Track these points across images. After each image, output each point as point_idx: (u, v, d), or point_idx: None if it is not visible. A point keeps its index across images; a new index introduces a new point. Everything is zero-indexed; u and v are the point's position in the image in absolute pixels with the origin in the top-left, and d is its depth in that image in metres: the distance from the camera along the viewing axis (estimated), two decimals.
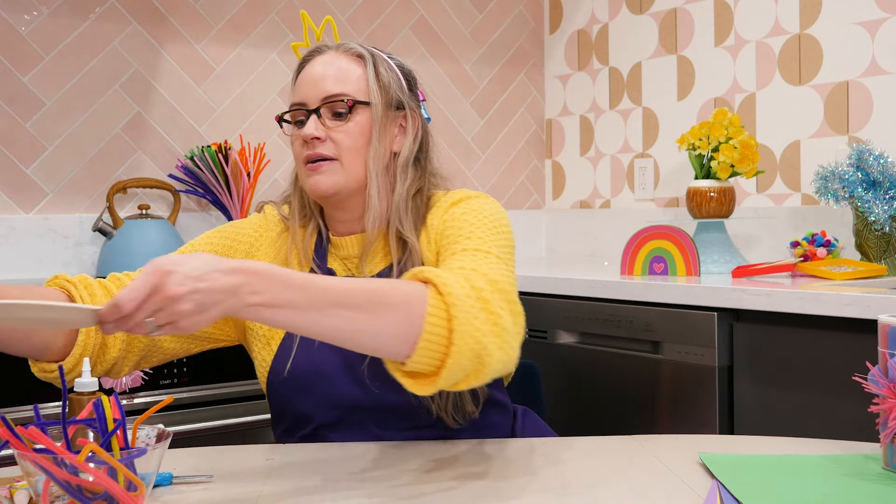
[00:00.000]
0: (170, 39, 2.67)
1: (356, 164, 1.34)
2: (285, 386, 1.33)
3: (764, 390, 1.91)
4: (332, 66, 1.37)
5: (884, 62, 2.38)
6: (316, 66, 1.38)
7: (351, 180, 1.35)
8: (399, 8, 3.05)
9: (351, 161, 1.34)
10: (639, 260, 2.32)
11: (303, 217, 1.43)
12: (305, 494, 1.04)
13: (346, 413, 1.31)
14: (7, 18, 2.44)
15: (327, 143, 1.34)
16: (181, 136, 2.68)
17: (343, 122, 1.34)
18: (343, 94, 1.34)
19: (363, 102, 1.35)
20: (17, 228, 2.44)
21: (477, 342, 1.04)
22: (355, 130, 1.34)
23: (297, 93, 1.38)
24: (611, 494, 1.02)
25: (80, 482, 0.86)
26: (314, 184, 1.34)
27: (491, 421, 1.38)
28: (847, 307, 1.73)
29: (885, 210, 2.17)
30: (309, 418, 1.33)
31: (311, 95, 1.35)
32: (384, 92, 1.37)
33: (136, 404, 1.95)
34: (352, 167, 1.34)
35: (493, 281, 1.12)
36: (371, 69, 1.37)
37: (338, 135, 1.34)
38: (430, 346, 1.03)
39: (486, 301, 1.08)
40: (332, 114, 1.35)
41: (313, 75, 1.37)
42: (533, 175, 3.36)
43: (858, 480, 1.03)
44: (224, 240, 1.44)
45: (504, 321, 1.09)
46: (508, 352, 1.09)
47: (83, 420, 0.97)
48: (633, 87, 3.04)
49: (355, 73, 1.37)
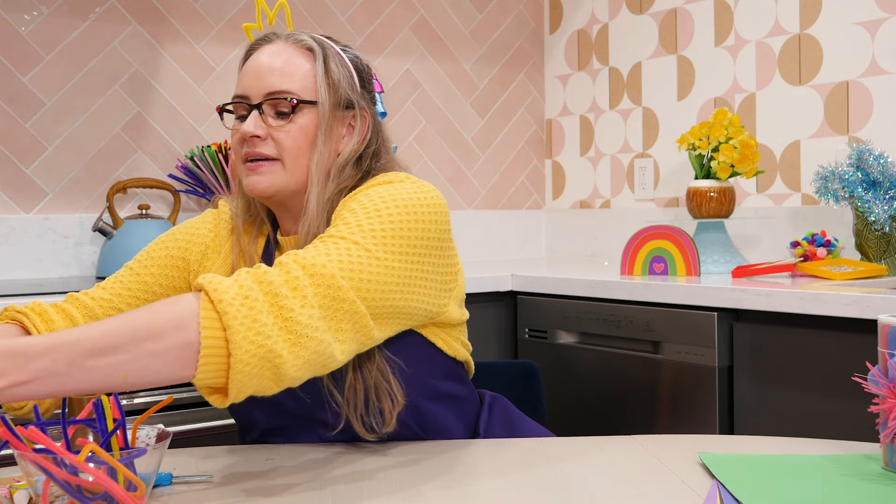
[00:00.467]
0: (170, 39, 2.67)
1: (298, 167, 1.28)
2: None
3: (764, 390, 1.91)
4: (278, 57, 1.29)
5: (884, 62, 2.38)
6: (262, 56, 1.30)
7: (292, 182, 1.28)
8: (399, 8, 3.05)
9: (293, 163, 1.27)
10: (639, 260, 2.32)
11: (248, 215, 1.38)
12: (305, 494, 1.04)
13: (283, 422, 1.28)
14: (7, 18, 2.44)
15: (268, 142, 1.27)
16: (181, 136, 2.68)
17: (286, 121, 1.27)
18: (287, 92, 1.27)
19: (309, 102, 1.28)
20: (17, 228, 2.44)
21: (260, 346, 0.96)
22: (299, 132, 1.27)
23: (240, 83, 1.30)
24: (611, 494, 1.02)
25: (80, 482, 0.86)
26: (252, 184, 1.28)
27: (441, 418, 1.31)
28: (847, 307, 1.73)
29: (885, 210, 2.17)
30: (254, 422, 1.32)
31: (254, 88, 1.28)
32: (333, 90, 1.29)
33: (136, 404, 1.95)
34: (294, 169, 1.28)
35: (309, 266, 1.04)
36: (320, 65, 1.29)
37: (280, 134, 1.27)
38: (209, 360, 0.95)
39: (275, 296, 0.99)
40: (276, 111, 1.28)
41: (259, 66, 1.29)
42: (533, 175, 3.36)
43: (858, 480, 1.03)
44: (178, 242, 1.39)
45: (296, 314, 0.99)
46: (310, 347, 1.00)
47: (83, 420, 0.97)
48: (633, 87, 3.04)
49: (303, 67, 1.29)
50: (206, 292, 0.98)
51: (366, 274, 1.09)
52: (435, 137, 3.13)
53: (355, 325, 1.07)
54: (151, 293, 1.37)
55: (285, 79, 1.28)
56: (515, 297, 2.44)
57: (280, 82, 1.27)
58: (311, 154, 1.28)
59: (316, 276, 1.04)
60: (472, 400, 1.40)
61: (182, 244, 1.39)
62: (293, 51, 1.30)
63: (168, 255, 1.39)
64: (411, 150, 3.08)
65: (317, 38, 1.33)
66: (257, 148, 1.27)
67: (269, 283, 1.00)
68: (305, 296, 1.01)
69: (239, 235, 1.37)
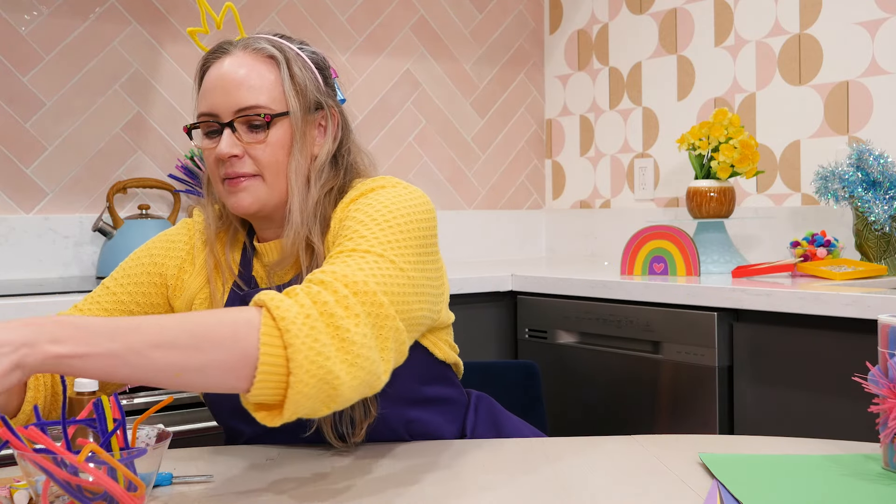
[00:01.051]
0: (170, 39, 2.67)
1: (279, 179, 1.26)
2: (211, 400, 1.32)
3: (764, 390, 1.91)
4: (240, 70, 1.25)
5: (884, 62, 2.38)
6: (224, 69, 1.26)
7: (274, 195, 1.27)
8: (399, 8, 3.05)
9: (273, 177, 1.26)
10: (639, 260, 2.32)
11: (221, 222, 1.36)
12: (305, 494, 1.04)
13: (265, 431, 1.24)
14: (7, 18, 2.44)
15: (245, 159, 1.25)
16: (181, 136, 2.68)
17: (261, 136, 1.24)
18: (258, 107, 1.24)
19: (281, 114, 1.25)
20: (17, 228, 2.44)
21: (320, 367, 0.95)
22: (275, 145, 1.25)
23: (204, 100, 1.26)
24: (611, 494, 1.02)
25: (80, 482, 0.86)
26: (235, 202, 1.26)
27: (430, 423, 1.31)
28: (847, 307, 1.73)
29: (885, 210, 2.17)
30: (239, 432, 1.32)
31: (222, 106, 1.24)
32: (301, 96, 1.27)
33: (136, 404, 1.95)
34: (274, 182, 1.26)
35: (352, 283, 1.03)
36: (285, 72, 1.26)
37: (256, 151, 1.24)
38: (267, 378, 0.94)
39: (330, 316, 0.98)
40: (248, 126, 1.25)
41: (222, 82, 1.25)
42: (533, 175, 3.36)
43: (858, 480, 1.03)
44: (154, 258, 1.37)
45: (352, 334, 0.98)
46: (365, 367, 0.99)
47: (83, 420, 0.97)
48: (633, 87, 3.04)
49: (268, 78, 1.26)
50: (267, 309, 0.97)
51: (397, 287, 1.09)
52: (435, 137, 3.13)
53: (396, 342, 1.06)
54: (128, 312, 1.35)
55: (253, 93, 1.24)
56: (515, 297, 2.44)
57: (248, 97, 1.24)
58: (289, 163, 1.26)
59: (360, 293, 1.03)
60: (463, 401, 1.39)
61: (158, 259, 1.37)
62: (255, 61, 1.26)
63: (145, 273, 1.36)
64: (411, 150, 3.08)
65: (275, 43, 1.29)
66: (235, 168, 1.25)
67: (323, 304, 0.99)
68: (357, 314, 1.01)
69: (212, 245, 1.34)
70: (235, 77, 1.25)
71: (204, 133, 1.29)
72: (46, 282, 2.32)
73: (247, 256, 1.35)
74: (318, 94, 1.30)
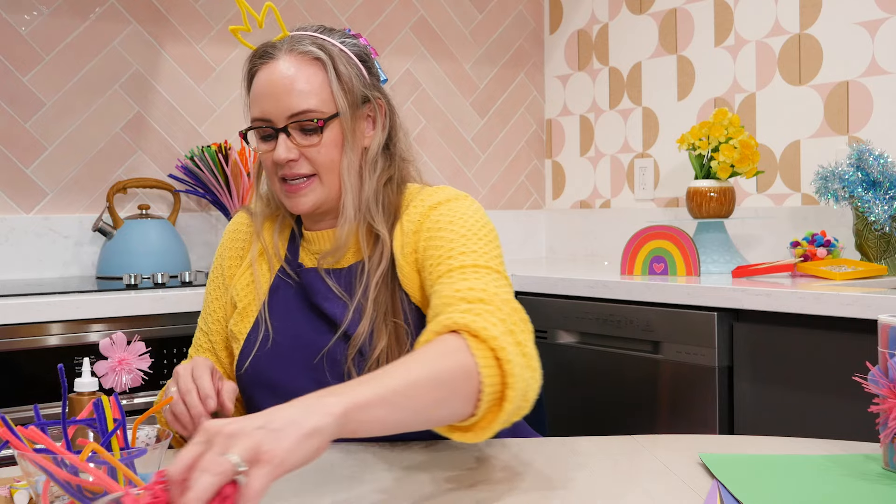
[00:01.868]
0: (170, 39, 2.67)
1: (333, 178, 1.31)
2: (246, 380, 1.33)
3: (764, 390, 1.91)
4: (289, 75, 1.28)
5: (884, 62, 2.38)
6: (272, 75, 1.29)
7: (331, 193, 1.32)
8: (399, 8, 3.05)
9: (328, 175, 1.31)
10: (639, 260, 2.32)
11: (269, 210, 1.41)
12: (305, 494, 1.04)
13: None
14: (7, 18, 2.44)
15: (301, 161, 1.30)
16: (181, 136, 2.68)
17: (315, 139, 1.29)
18: (311, 111, 1.28)
19: (332, 116, 1.29)
20: (17, 228, 2.44)
21: (524, 382, 1.02)
22: (329, 145, 1.29)
23: (257, 106, 1.31)
24: (611, 494, 1.02)
25: (80, 482, 0.86)
26: (295, 205, 1.32)
27: None
28: (847, 307, 1.73)
29: (885, 210, 2.17)
30: None
31: (275, 112, 1.29)
32: (349, 94, 1.31)
33: (136, 404, 1.95)
34: (330, 180, 1.31)
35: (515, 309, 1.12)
36: (332, 73, 1.30)
37: (311, 153, 1.29)
38: (489, 399, 1.00)
39: (516, 334, 1.05)
40: (302, 131, 1.29)
41: (273, 88, 1.29)
42: (533, 175, 3.36)
43: (858, 480, 1.03)
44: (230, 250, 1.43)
45: (528, 348, 1.06)
46: (539, 379, 1.07)
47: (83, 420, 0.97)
48: (633, 87, 3.04)
49: (317, 80, 1.29)
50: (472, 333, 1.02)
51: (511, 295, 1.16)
52: (435, 137, 3.13)
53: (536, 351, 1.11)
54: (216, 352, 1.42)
55: (303, 97, 1.28)
56: (515, 296, 2.44)
57: (300, 102, 1.28)
58: (342, 160, 1.31)
59: (516, 310, 1.11)
60: None
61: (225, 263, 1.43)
62: (302, 64, 1.29)
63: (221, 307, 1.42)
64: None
65: (319, 43, 1.32)
66: (294, 170, 1.30)
67: (502, 321, 1.05)
68: (523, 330, 1.08)
69: (259, 231, 1.39)
70: (285, 83, 1.28)
71: (258, 137, 1.33)
72: (46, 282, 2.32)
73: (294, 243, 1.39)
74: (365, 89, 1.34)
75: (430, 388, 0.95)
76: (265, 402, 1.30)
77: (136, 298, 2.00)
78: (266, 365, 1.30)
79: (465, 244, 1.22)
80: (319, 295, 1.31)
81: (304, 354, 1.29)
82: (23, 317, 1.87)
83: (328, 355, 1.27)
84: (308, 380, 1.27)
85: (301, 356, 1.29)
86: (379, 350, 1.24)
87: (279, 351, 1.30)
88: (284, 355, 1.30)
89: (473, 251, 1.20)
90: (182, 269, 2.44)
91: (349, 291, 1.30)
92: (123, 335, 1.14)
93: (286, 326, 1.32)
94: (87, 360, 1.19)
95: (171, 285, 2.16)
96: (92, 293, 1.99)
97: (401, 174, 1.37)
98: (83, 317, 1.93)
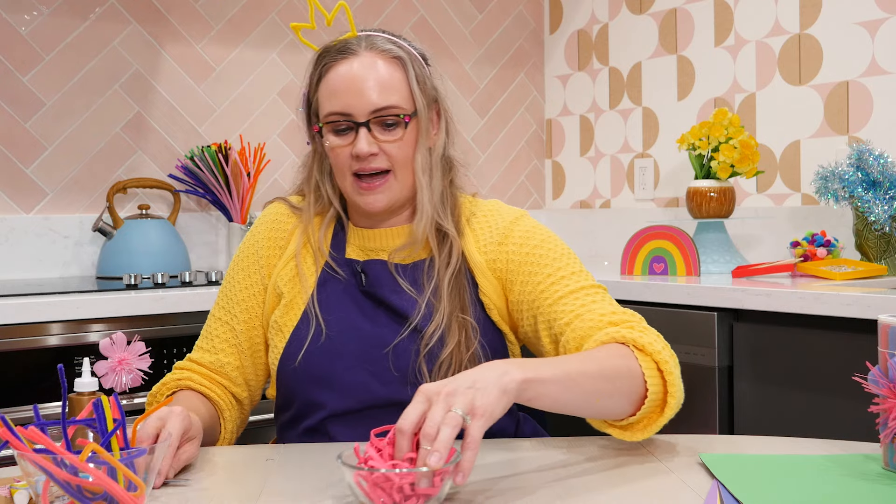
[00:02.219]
0: (170, 39, 2.67)
1: (407, 174, 1.34)
2: (297, 374, 1.33)
3: (764, 390, 1.91)
4: (371, 72, 1.31)
5: (884, 62, 2.38)
6: (355, 71, 1.31)
7: (404, 190, 1.35)
8: (399, 8, 3.05)
9: (403, 172, 1.34)
10: (639, 260, 2.32)
11: (319, 207, 1.42)
12: (305, 494, 1.03)
13: (358, 405, 1.30)
14: (7, 18, 2.44)
15: (380, 156, 1.32)
16: (181, 136, 2.69)
17: (396, 134, 1.31)
18: (394, 108, 1.31)
19: (413, 113, 1.33)
20: (17, 228, 2.44)
21: (681, 393, 1.17)
22: (407, 142, 1.32)
23: (336, 100, 1.32)
24: (611, 494, 1.02)
25: (80, 482, 0.86)
26: (371, 203, 1.33)
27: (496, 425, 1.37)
28: (847, 307, 1.73)
29: (885, 210, 2.17)
30: (320, 406, 1.32)
31: (357, 107, 1.30)
32: (424, 94, 1.35)
33: (136, 404, 1.95)
34: (404, 178, 1.34)
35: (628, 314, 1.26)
36: (411, 72, 1.33)
37: (390, 147, 1.32)
38: (651, 404, 1.14)
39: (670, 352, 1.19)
40: (382, 126, 1.32)
41: (355, 83, 1.31)
42: (533, 175, 3.36)
43: (858, 480, 1.03)
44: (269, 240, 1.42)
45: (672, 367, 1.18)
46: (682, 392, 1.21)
47: (83, 420, 0.97)
48: (633, 87, 3.04)
49: (397, 78, 1.32)
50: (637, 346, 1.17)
51: None
52: None
53: None
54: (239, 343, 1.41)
55: (386, 93, 1.31)
56: None
57: (383, 98, 1.30)
58: (415, 157, 1.34)
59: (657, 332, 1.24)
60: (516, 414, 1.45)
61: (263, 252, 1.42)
62: (384, 62, 1.33)
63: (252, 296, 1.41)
64: None
65: (396, 43, 1.35)
66: (372, 164, 1.32)
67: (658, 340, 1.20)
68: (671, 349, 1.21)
69: (307, 226, 1.40)
70: (368, 78, 1.31)
71: (331, 131, 1.34)
72: (46, 282, 2.32)
73: (338, 238, 1.40)
74: (433, 90, 1.38)
75: (599, 380, 1.09)
76: (319, 394, 1.32)
77: (136, 298, 2.00)
78: (320, 359, 1.31)
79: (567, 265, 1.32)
80: (387, 288, 1.34)
81: (361, 347, 1.31)
82: (23, 317, 1.87)
83: (395, 348, 1.30)
84: (364, 371, 1.30)
85: (357, 348, 1.31)
86: (452, 345, 1.29)
87: (332, 344, 1.31)
88: (338, 349, 1.31)
89: (578, 272, 1.32)
90: (182, 269, 2.44)
91: (416, 287, 1.33)
92: (123, 335, 1.14)
93: (338, 319, 1.33)
94: (87, 360, 1.19)
95: (171, 285, 2.16)
96: (92, 293, 1.99)
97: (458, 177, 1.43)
98: (83, 317, 1.93)
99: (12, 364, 1.87)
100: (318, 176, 1.40)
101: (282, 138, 2.84)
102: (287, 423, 1.38)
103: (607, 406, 1.12)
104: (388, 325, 1.32)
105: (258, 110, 2.80)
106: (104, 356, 1.14)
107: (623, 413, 1.14)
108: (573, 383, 1.06)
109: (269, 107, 2.82)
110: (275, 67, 2.83)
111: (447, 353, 1.28)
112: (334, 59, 1.34)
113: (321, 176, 1.40)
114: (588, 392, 1.08)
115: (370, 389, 1.30)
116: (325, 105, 1.33)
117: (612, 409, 1.13)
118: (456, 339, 1.29)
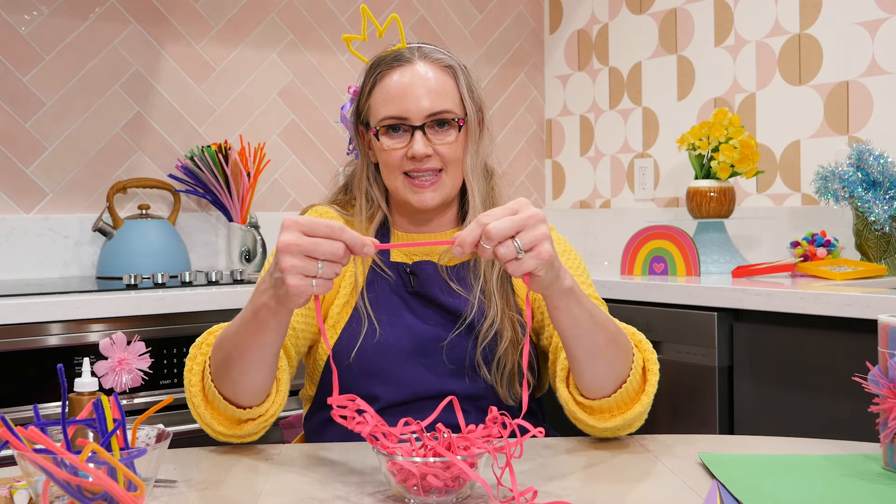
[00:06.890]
0: (170, 39, 2.67)
1: (457, 175, 1.41)
2: (350, 370, 1.34)
3: (764, 390, 1.91)
4: (426, 79, 1.39)
5: (884, 62, 2.38)
6: (411, 78, 1.39)
7: (453, 190, 1.42)
8: (399, 8, 3.05)
9: (453, 172, 1.40)
10: (639, 260, 2.32)
11: (370, 212, 1.46)
12: (305, 495, 1.04)
13: (410, 397, 1.34)
14: (7, 18, 2.44)
15: (434, 157, 1.39)
16: (181, 136, 2.69)
17: (449, 136, 1.39)
18: (449, 112, 1.38)
19: (465, 117, 1.40)
20: (17, 228, 2.44)
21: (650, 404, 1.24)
22: (459, 144, 1.40)
23: (392, 105, 1.39)
24: (611, 494, 1.02)
25: (80, 482, 0.86)
26: (423, 201, 1.39)
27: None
28: (847, 307, 1.73)
29: (885, 210, 2.17)
30: (374, 399, 1.33)
31: (413, 111, 1.37)
32: (474, 101, 1.43)
33: (136, 404, 1.95)
34: (454, 178, 1.41)
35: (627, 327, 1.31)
36: (462, 80, 1.42)
37: (443, 148, 1.38)
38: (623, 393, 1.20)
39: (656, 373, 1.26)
40: (436, 128, 1.39)
41: (412, 89, 1.38)
42: (533, 175, 3.36)
43: (858, 480, 1.03)
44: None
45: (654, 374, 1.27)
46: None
47: (83, 420, 0.97)
48: (633, 87, 3.04)
49: (449, 85, 1.40)
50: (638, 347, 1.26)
51: None
52: None
53: None
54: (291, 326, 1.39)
55: (442, 99, 1.39)
56: None
57: (438, 103, 1.38)
58: (465, 160, 1.42)
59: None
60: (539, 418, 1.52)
61: None
62: (438, 70, 1.41)
63: None
64: None
65: (446, 53, 1.44)
66: (426, 164, 1.39)
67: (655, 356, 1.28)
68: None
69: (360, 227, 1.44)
70: (424, 85, 1.39)
71: (385, 133, 1.40)
72: (46, 282, 2.32)
73: (384, 240, 1.46)
74: (479, 99, 1.46)
75: (609, 336, 1.18)
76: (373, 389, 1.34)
77: (136, 298, 2.00)
78: (373, 356, 1.35)
79: (581, 279, 1.40)
80: (437, 288, 1.40)
81: (414, 342, 1.36)
82: (23, 317, 1.87)
83: (449, 345, 1.36)
84: (418, 365, 1.35)
85: (410, 344, 1.36)
86: (507, 340, 1.35)
87: (384, 341, 1.35)
88: (391, 345, 1.35)
89: (588, 286, 1.40)
90: (182, 269, 2.44)
91: (465, 287, 1.40)
92: (123, 335, 1.14)
93: (389, 318, 1.38)
94: (87, 360, 1.19)
95: (171, 285, 2.16)
96: (92, 293, 1.99)
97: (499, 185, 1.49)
98: (83, 317, 1.93)
99: (12, 364, 1.87)
100: (367, 183, 1.46)
101: (282, 138, 2.84)
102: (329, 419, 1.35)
103: (607, 360, 1.18)
104: (440, 322, 1.38)
105: (258, 110, 2.81)
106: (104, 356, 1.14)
107: (603, 388, 1.20)
108: (595, 322, 1.16)
109: (269, 107, 2.82)
110: (275, 67, 2.83)
111: (503, 347, 1.35)
112: (390, 66, 1.41)
113: (370, 183, 1.46)
114: (598, 345, 1.16)
115: (423, 381, 1.34)
116: (381, 110, 1.40)
117: (607, 370, 1.19)
118: (509, 335, 1.36)
